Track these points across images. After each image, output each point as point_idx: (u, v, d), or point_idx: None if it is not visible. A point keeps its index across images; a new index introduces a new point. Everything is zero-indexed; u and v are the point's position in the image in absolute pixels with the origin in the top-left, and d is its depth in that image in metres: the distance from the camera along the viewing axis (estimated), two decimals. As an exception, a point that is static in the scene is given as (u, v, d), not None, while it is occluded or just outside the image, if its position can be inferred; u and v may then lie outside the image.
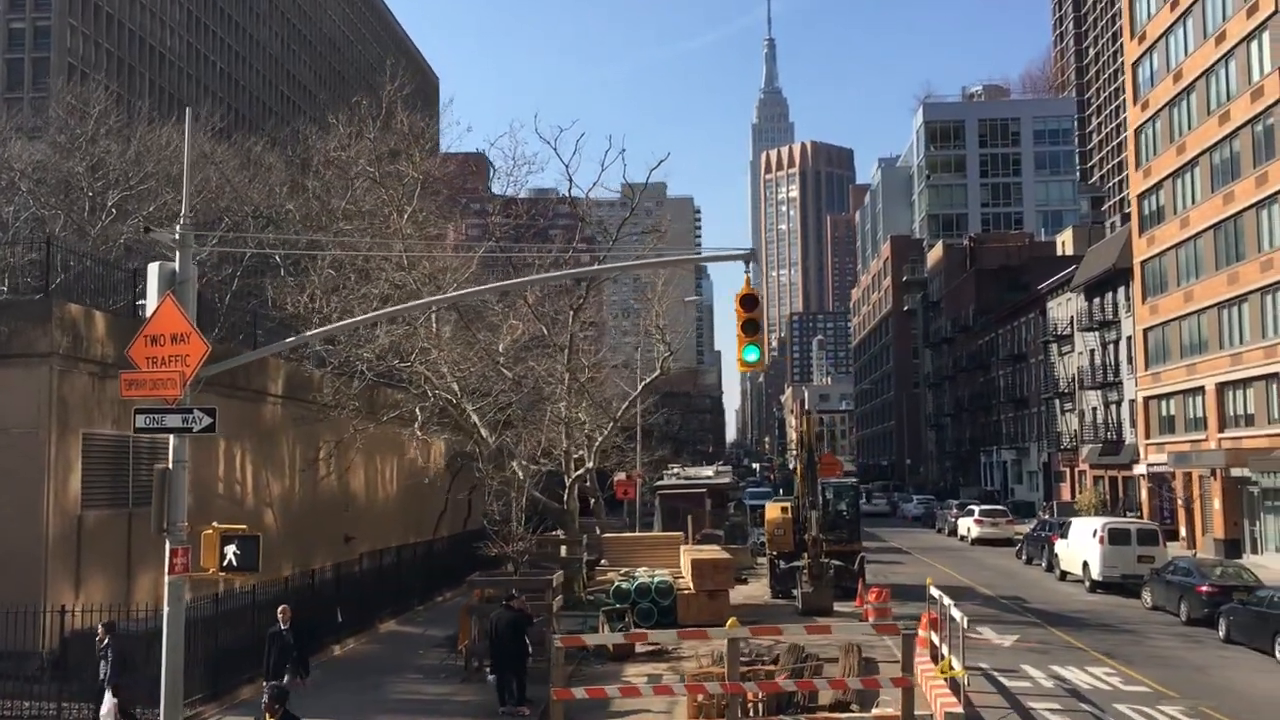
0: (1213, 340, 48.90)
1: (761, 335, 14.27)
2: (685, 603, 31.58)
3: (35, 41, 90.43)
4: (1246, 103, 45.42)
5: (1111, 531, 38.78)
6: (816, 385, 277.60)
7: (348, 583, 29.70)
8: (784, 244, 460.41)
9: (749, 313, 14.07)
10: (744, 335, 14.10)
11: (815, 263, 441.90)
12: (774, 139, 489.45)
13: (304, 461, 32.31)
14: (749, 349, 14.24)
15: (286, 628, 18.87)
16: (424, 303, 23.00)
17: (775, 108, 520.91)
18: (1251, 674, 25.17)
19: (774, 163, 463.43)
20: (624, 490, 46.01)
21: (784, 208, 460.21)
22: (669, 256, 23.57)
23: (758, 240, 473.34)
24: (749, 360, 14.26)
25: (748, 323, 14.02)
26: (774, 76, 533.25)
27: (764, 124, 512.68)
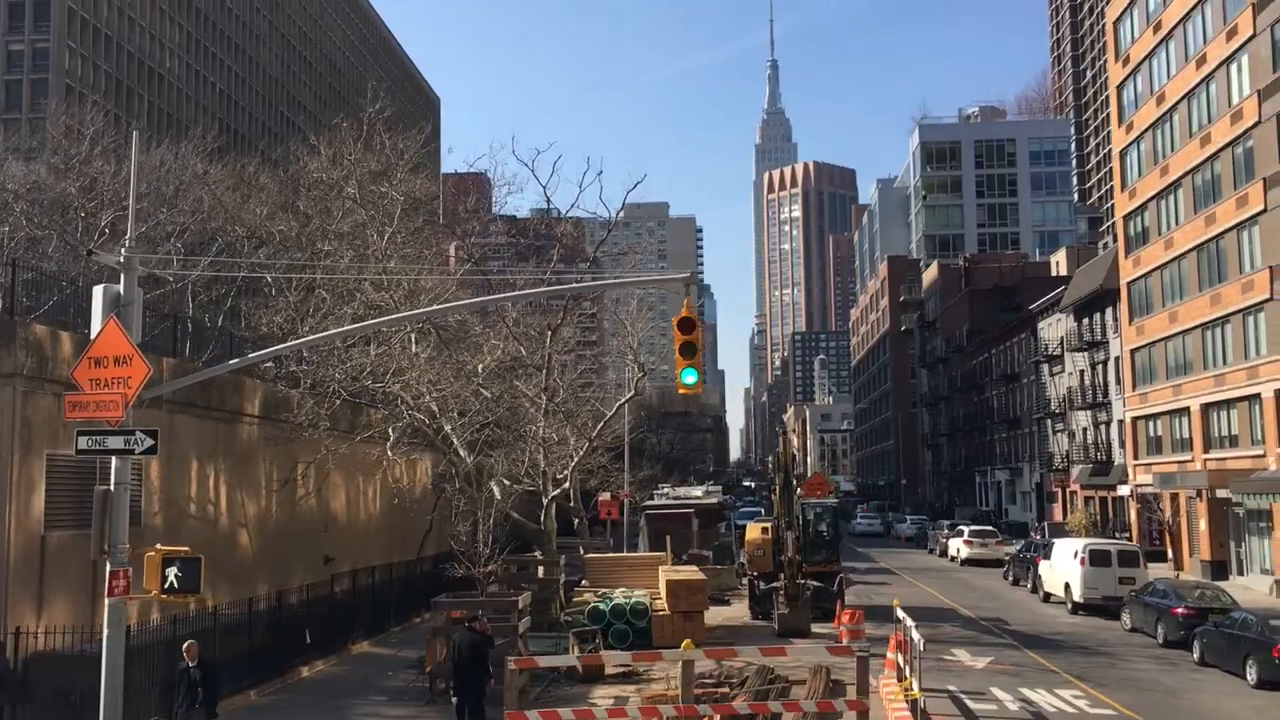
0: (1197, 361, 48.94)
1: (700, 358, 14.32)
2: (660, 624, 31.58)
3: (34, 63, 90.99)
4: (1226, 125, 45.57)
5: (1092, 553, 38.71)
6: (818, 405, 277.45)
7: (320, 604, 29.75)
8: (787, 264, 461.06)
9: (686, 335, 14.13)
10: (682, 358, 14.18)
11: (818, 282, 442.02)
12: (777, 159, 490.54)
13: (277, 482, 32.36)
14: (687, 371, 14.31)
15: (194, 664, 17.77)
16: (389, 319, 23.11)
17: (778, 128, 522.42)
18: (1220, 697, 25.12)
19: (776, 183, 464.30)
20: (607, 510, 46.03)
21: (786, 227, 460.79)
22: (616, 279, 23.60)
23: (760, 260, 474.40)
24: (687, 383, 14.33)
25: (685, 345, 14.11)
26: (777, 97, 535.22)
27: (767, 144, 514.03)
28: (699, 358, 14.40)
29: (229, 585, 29.65)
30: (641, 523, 51.50)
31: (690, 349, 14.14)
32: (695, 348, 14.14)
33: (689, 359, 14.20)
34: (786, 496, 34.50)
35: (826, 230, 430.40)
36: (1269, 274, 42.26)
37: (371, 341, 31.69)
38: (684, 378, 14.31)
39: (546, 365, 35.03)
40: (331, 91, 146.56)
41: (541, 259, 41.97)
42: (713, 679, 24.98)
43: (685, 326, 14.21)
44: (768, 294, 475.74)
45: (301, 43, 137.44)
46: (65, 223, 54.63)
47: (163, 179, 59.88)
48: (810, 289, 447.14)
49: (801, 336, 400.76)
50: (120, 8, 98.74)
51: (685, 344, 14.16)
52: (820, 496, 57.03)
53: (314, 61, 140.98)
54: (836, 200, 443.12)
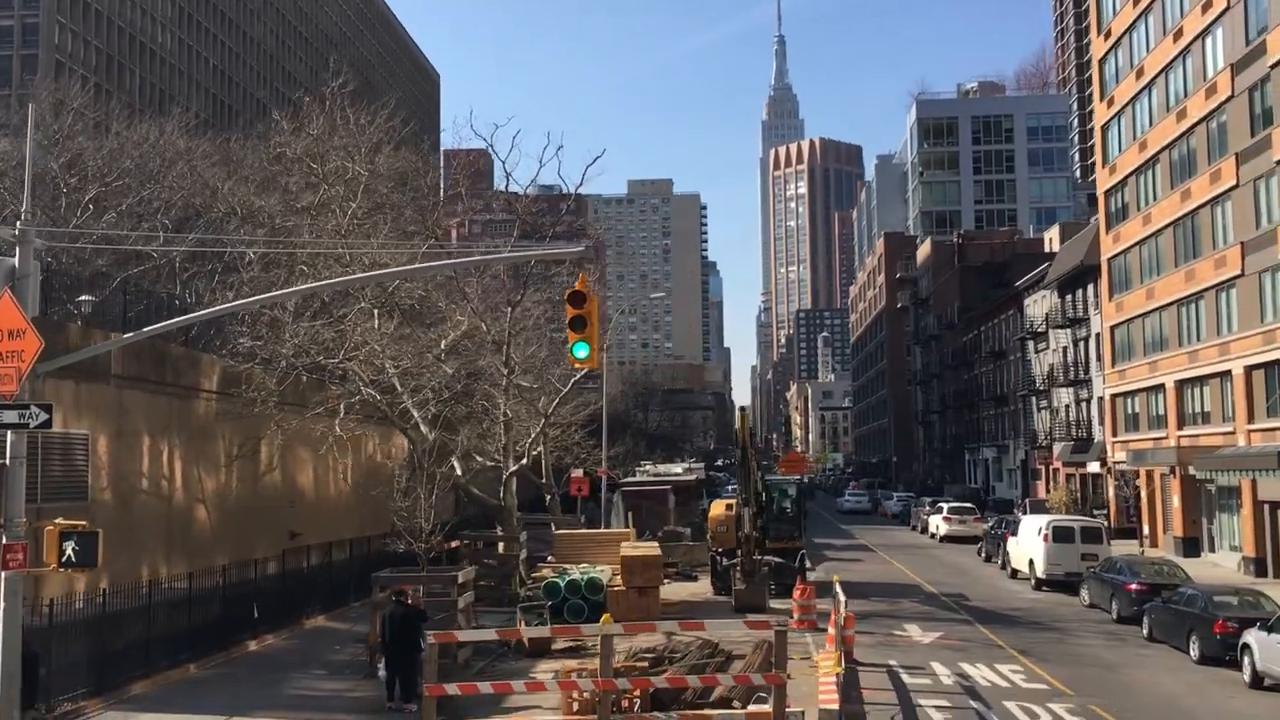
0: (1172, 338, 48.79)
1: (591, 332, 14.30)
2: (615, 599, 31.63)
3: (23, 39, 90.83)
4: (1202, 99, 45.27)
5: (1055, 529, 38.78)
6: (821, 382, 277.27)
7: (272, 579, 29.84)
8: (793, 241, 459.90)
9: (576, 309, 14.10)
10: (572, 332, 14.15)
11: (824, 259, 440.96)
12: (784, 136, 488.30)
13: (227, 458, 32.41)
14: (577, 345, 14.28)
15: None
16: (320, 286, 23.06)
17: (785, 104, 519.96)
18: (1160, 673, 25.15)
19: (782, 159, 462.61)
20: (578, 487, 46.07)
21: (792, 204, 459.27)
22: (517, 253, 23.42)
23: (767, 237, 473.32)
24: (578, 356, 14.30)
25: (575, 319, 14.09)
26: (784, 73, 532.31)
27: (774, 120, 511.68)
28: (590, 331, 14.37)
29: (185, 560, 29.78)
30: (616, 499, 51.60)
31: (580, 323, 14.12)
32: (585, 322, 14.10)
33: (579, 333, 14.18)
34: (743, 473, 34.53)
35: (832, 207, 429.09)
36: (1240, 249, 42.05)
37: (319, 316, 31.68)
38: (574, 351, 14.29)
39: (507, 340, 35.04)
40: (327, 66, 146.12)
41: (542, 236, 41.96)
42: (653, 653, 25.06)
43: (575, 300, 14.19)
44: (773, 271, 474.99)
45: (296, 17, 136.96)
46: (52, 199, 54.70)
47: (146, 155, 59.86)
48: (816, 266, 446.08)
49: (806, 314, 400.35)
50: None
51: (575, 318, 14.14)
52: (798, 474, 57.18)
53: (309, 36, 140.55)
54: (843, 177, 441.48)
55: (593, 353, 14.43)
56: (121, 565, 27.35)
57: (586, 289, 14.30)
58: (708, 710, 19.54)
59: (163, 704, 20.85)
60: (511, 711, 20.90)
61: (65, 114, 59.42)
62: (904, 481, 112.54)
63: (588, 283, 14.39)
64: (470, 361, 35.98)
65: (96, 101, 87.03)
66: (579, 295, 14.11)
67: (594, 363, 14.50)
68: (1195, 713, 21.49)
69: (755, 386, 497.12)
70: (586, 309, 14.19)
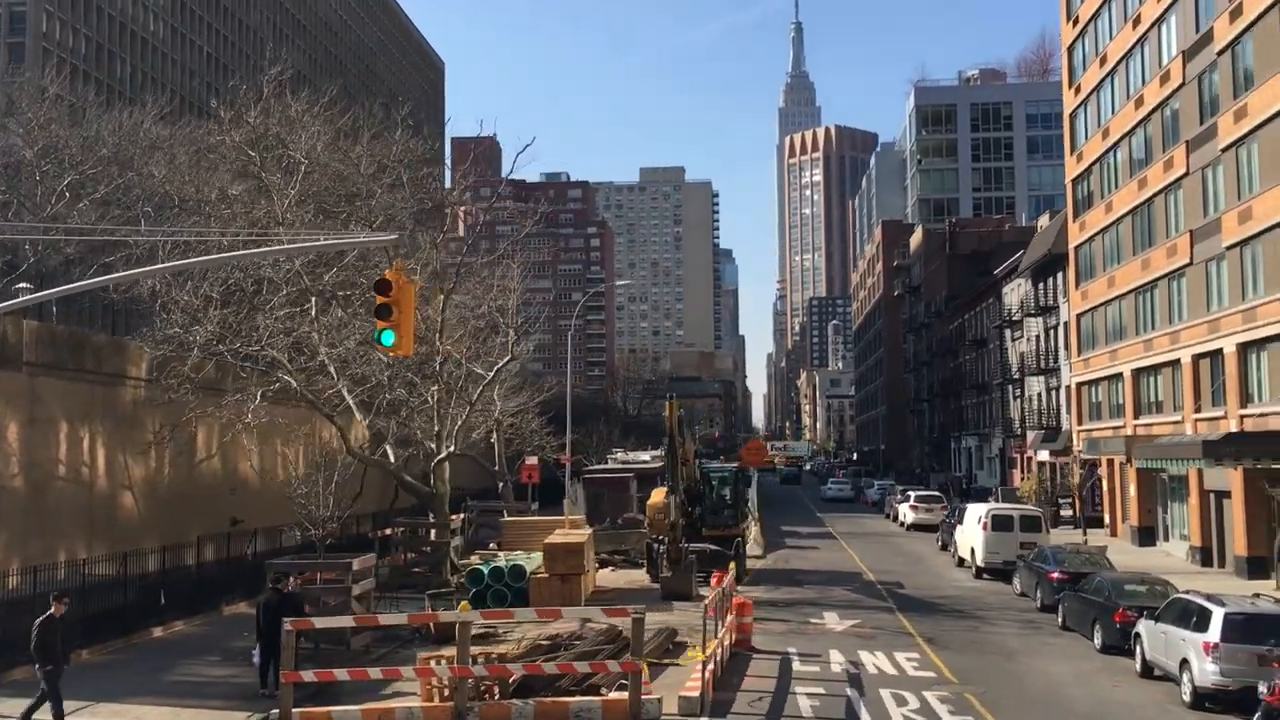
0: (1130, 326, 48.52)
1: (400, 320, 14.32)
2: (538, 587, 31.73)
3: (10, 27, 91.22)
4: (1157, 86, 44.92)
5: (995, 518, 38.75)
6: (829, 371, 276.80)
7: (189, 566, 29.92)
8: (808, 228, 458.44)
9: (381, 297, 14.13)
10: (378, 319, 14.19)
11: (838, 247, 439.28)
12: (800, 123, 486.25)
13: (157, 445, 32.55)
14: (384, 334, 14.31)
15: None
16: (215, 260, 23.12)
17: (802, 92, 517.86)
18: (1058, 662, 25.08)
19: (798, 147, 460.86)
20: (529, 474, 46.16)
21: (808, 192, 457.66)
22: (328, 240, 23.32)
23: (782, 224, 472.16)
24: (385, 344, 14.33)
25: (380, 307, 14.12)
26: (801, 60, 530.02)
27: (790, 108, 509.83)
28: (400, 319, 14.39)
29: (109, 547, 29.86)
30: (575, 486, 51.73)
31: (385, 310, 14.15)
32: (390, 310, 14.12)
33: (385, 320, 14.21)
34: (670, 461, 34.52)
35: (847, 194, 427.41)
36: (1189, 238, 41.76)
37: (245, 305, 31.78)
38: (381, 339, 14.32)
39: (439, 328, 35.06)
40: (327, 54, 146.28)
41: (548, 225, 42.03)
42: (548, 640, 25.16)
43: (380, 288, 14.22)
44: (788, 259, 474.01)
45: (293, 3, 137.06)
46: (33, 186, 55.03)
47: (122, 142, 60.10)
48: (831, 254, 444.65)
49: (819, 302, 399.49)
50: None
51: (380, 306, 14.17)
52: (756, 464, 57.15)
53: (307, 24, 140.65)
54: (858, 164, 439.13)
55: (404, 340, 14.44)
56: (35, 551, 27.60)
57: (396, 277, 14.31)
58: (563, 698, 19.61)
59: (35, 689, 20.97)
60: (387, 698, 21.01)
61: (42, 102, 59.68)
62: (897, 470, 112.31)
63: (403, 271, 14.39)
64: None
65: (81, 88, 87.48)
66: (385, 283, 14.13)
67: (406, 350, 14.51)
68: (1072, 701, 21.45)
69: (770, 374, 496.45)
70: (394, 297, 14.21)
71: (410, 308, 14.48)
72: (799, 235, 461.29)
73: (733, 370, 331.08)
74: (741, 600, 26.63)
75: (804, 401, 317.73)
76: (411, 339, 14.56)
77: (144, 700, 20.63)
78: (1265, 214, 35.20)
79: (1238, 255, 37.55)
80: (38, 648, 17.63)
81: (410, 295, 14.52)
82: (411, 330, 14.47)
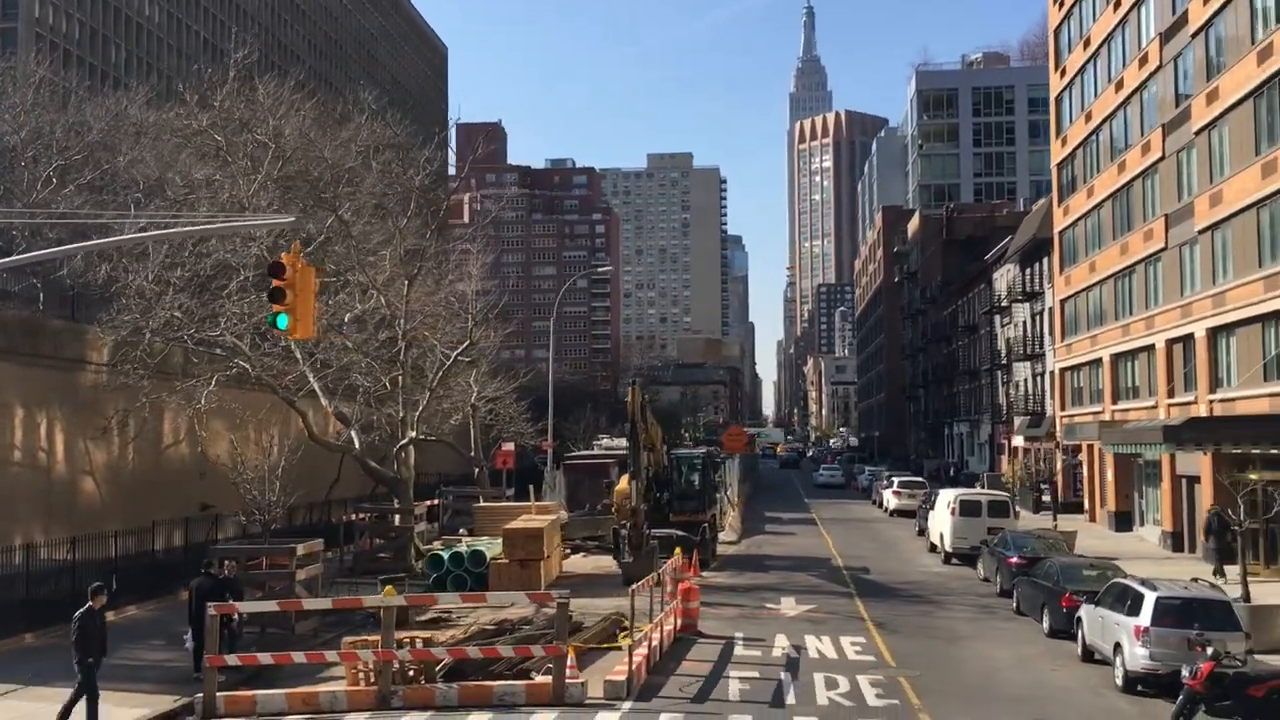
0: (1109, 311, 48.30)
1: (296, 303, 14.27)
2: (497, 572, 31.78)
3: (4, 12, 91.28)
4: (1136, 69, 44.59)
5: (963, 504, 38.69)
6: (835, 357, 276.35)
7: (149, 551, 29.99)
8: (817, 214, 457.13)
9: (274, 280, 14.09)
10: (270, 301, 14.15)
11: (848, 233, 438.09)
12: (812, 108, 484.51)
13: (120, 430, 32.58)
14: (279, 317, 14.28)
15: None
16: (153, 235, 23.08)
17: (813, 76, 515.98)
18: (1003, 646, 25.03)
19: (808, 132, 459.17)
20: (503, 460, 46.17)
21: (817, 178, 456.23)
22: (222, 223, 23.23)
23: (792, 211, 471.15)
24: (279, 327, 14.30)
25: (272, 291, 14.07)
26: (812, 45, 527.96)
27: (801, 93, 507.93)
28: (296, 302, 14.35)
29: (67, 532, 29.82)
30: (552, 472, 51.77)
31: (278, 294, 14.11)
32: (282, 293, 14.08)
33: (278, 303, 14.17)
34: (633, 446, 34.45)
35: (857, 180, 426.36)
36: (1164, 222, 41.51)
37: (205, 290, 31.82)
38: (277, 322, 14.29)
39: (403, 314, 35.07)
40: (326, 39, 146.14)
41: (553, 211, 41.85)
42: (494, 625, 25.17)
43: (273, 271, 14.19)
44: (798, 245, 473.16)
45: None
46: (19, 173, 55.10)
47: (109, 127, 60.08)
48: (840, 240, 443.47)
49: (828, 288, 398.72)
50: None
51: (273, 290, 14.13)
52: (738, 450, 57.15)
53: (306, 9, 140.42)
54: (868, 149, 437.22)
55: (300, 323, 14.39)
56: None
57: (291, 261, 14.26)
58: (486, 681, 19.64)
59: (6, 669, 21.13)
60: (324, 681, 21.06)
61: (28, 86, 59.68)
62: (894, 456, 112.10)
63: (299, 254, 14.34)
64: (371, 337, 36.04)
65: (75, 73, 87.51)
66: (277, 266, 14.11)
67: (304, 334, 14.48)
68: (1006, 684, 21.42)
69: (780, 361, 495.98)
70: (288, 280, 14.16)
71: (309, 291, 14.43)
72: (809, 221, 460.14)
73: (740, 357, 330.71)
74: (687, 585, 26.61)
75: (810, 388, 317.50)
76: (311, 323, 14.52)
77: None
78: (1234, 198, 34.95)
79: (1209, 239, 37.32)
80: (77, 640, 17.56)
81: (309, 279, 14.48)
82: (311, 314, 14.42)
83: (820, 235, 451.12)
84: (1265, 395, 32.95)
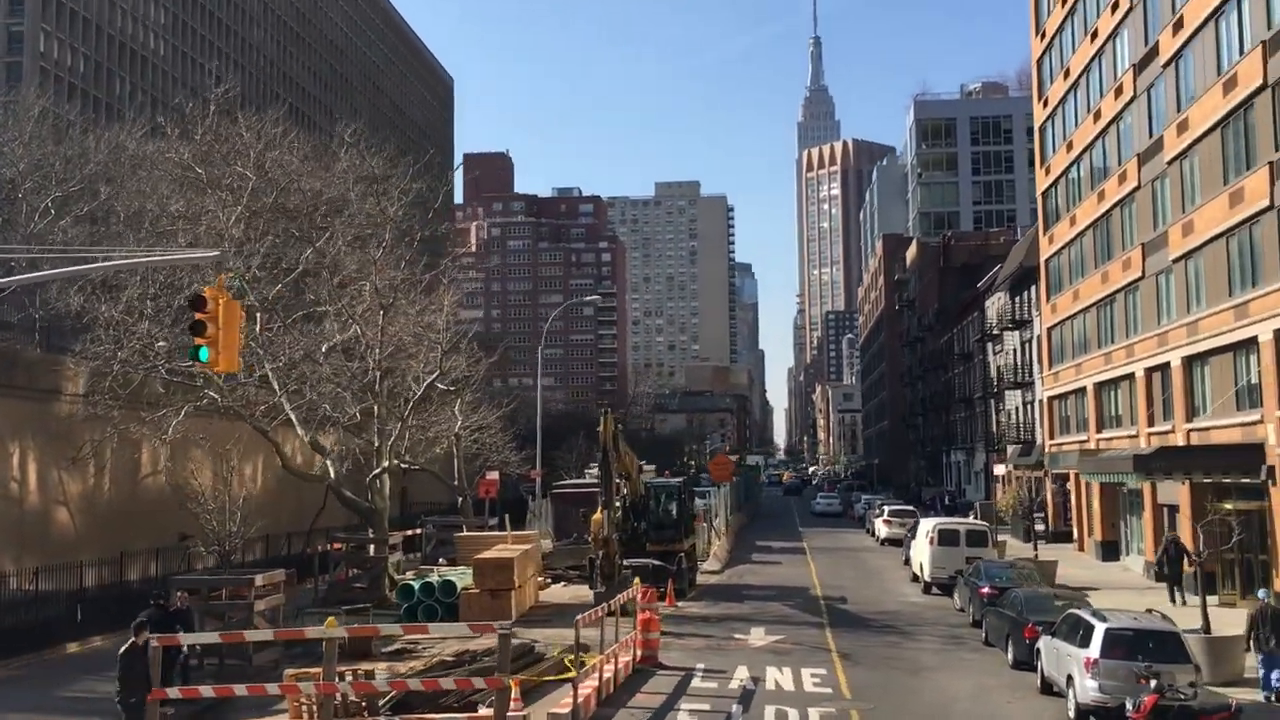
0: (1092, 340, 48.30)
1: (219, 336, 14.44)
2: (468, 602, 31.82)
3: (9, 46, 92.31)
4: (1112, 99, 44.78)
5: (941, 533, 38.66)
6: (842, 384, 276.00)
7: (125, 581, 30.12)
8: (825, 242, 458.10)
9: (196, 313, 14.26)
10: (191, 334, 14.33)
11: (856, 261, 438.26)
12: (819, 137, 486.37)
13: (66, 460, 32.72)
14: (200, 350, 14.44)
15: None
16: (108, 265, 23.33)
17: (821, 106, 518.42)
18: (965, 678, 24.95)
19: (815, 161, 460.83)
20: (485, 489, 46.24)
21: (825, 206, 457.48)
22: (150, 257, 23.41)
23: (801, 239, 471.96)
24: (201, 360, 14.46)
25: (194, 324, 14.24)
26: (820, 75, 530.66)
27: (809, 122, 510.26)
28: (219, 335, 14.51)
29: (40, 562, 29.95)
30: (535, 500, 51.87)
31: (199, 327, 14.28)
32: (203, 326, 14.25)
33: (199, 336, 14.34)
34: (604, 475, 34.51)
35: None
36: (1141, 251, 41.57)
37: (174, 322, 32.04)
38: (197, 356, 14.45)
39: (379, 343, 35.24)
40: (333, 73, 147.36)
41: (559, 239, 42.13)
42: (454, 656, 25.21)
43: (194, 304, 14.37)
44: (806, 273, 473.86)
45: (297, 22, 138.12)
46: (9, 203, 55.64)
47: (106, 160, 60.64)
48: (849, 268, 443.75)
49: (836, 316, 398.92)
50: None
51: (194, 322, 14.30)
52: (724, 479, 57.16)
53: (312, 42, 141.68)
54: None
55: (224, 356, 14.55)
56: (-45, 565, 27.80)
57: (213, 294, 14.45)
58: (432, 714, 19.67)
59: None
60: (271, 714, 21.14)
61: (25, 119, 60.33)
62: (895, 485, 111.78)
63: (223, 287, 14.53)
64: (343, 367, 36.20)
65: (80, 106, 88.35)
66: (198, 299, 14.30)
67: (227, 367, 14.63)
68: (962, 717, 21.47)
69: (791, 389, 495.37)
70: (210, 313, 14.34)
71: (234, 324, 14.61)
72: (817, 249, 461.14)
73: (748, 385, 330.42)
74: (646, 616, 26.59)
75: (819, 416, 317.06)
76: (236, 355, 14.69)
77: (30, 716, 20.80)
78: (1204, 227, 35.03)
79: (1183, 268, 37.37)
80: (121, 677, 17.63)
81: (235, 312, 14.65)
82: (236, 346, 14.59)
83: (829, 263, 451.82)
84: (1237, 425, 32.90)
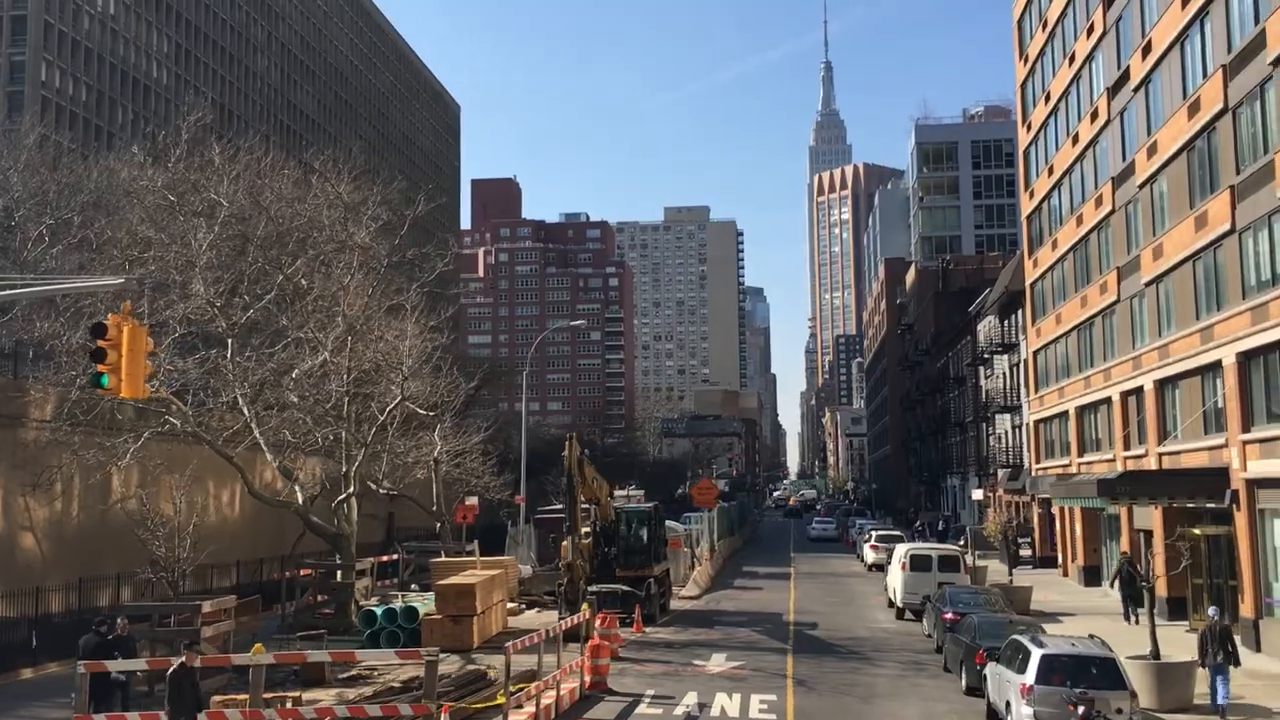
0: (1074, 363, 48.15)
1: (122, 363, 14.50)
2: (429, 628, 31.69)
3: (10, 76, 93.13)
4: (1088, 123, 44.79)
5: (913, 558, 38.53)
6: (851, 408, 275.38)
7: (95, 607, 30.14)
8: (836, 266, 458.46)
9: (97, 341, 14.34)
10: (95, 362, 14.40)
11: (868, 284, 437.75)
12: (831, 161, 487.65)
13: (27, 486, 32.81)
14: (101, 377, 14.51)
15: None
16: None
17: (832, 130, 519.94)
18: (912, 704, 24.83)
19: (826, 185, 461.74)
20: (463, 515, 46.18)
21: (836, 230, 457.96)
22: (51, 285, 23.50)
23: (812, 263, 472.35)
24: (102, 386, 14.52)
25: (94, 351, 14.32)
26: (831, 99, 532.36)
27: (821, 146, 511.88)
28: (121, 362, 14.58)
29: (3, 589, 30.10)
30: (516, 526, 51.78)
31: (99, 354, 14.35)
32: (104, 353, 14.33)
33: (100, 363, 14.42)
34: (569, 501, 34.49)
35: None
36: (1116, 275, 41.46)
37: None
38: (97, 382, 14.52)
39: (347, 371, 35.37)
40: (338, 100, 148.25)
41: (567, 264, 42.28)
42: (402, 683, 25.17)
43: (95, 331, 14.44)
44: (818, 297, 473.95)
45: (303, 51, 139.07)
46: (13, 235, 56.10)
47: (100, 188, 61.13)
48: (860, 292, 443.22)
49: (846, 340, 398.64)
50: (101, 20, 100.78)
51: (95, 350, 14.38)
52: (708, 505, 57.02)
53: (318, 70, 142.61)
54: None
55: (127, 383, 14.61)
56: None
57: (116, 321, 14.53)
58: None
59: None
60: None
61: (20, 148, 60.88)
62: (895, 510, 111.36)
63: (129, 314, 14.61)
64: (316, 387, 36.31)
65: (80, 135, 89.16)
66: (99, 327, 14.37)
67: (131, 393, 14.68)
68: (904, 746, 21.25)
69: (803, 413, 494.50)
70: (111, 340, 14.41)
71: (139, 351, 14.67)
72: (828, 273, 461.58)
73: (758, 409, 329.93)
74: (596, 642, 26.52)
75: (829, 440, 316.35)
76: (140, 382, 14.75)
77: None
78: (1172, 250, 34.94)
79: (1154, 292, 37.27)
80: (171, 698, 17.66)
81: (139, 339, 14.73)
82: (141, 373, 14.66)
83: (840, 287, 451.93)
84: (1204, 449, 32.71)
